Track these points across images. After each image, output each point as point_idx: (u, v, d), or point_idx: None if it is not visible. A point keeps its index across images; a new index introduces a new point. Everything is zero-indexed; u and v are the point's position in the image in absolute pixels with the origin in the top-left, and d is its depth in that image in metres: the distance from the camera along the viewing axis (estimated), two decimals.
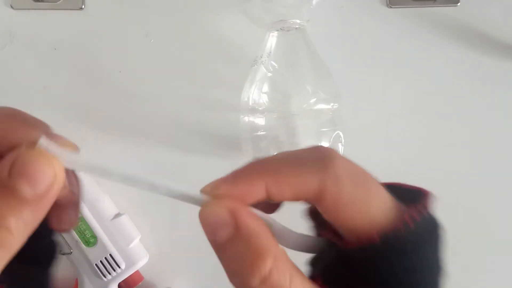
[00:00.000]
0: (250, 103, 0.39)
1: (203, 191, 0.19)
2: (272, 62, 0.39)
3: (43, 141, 0.17)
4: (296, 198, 0.18)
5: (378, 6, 0.47)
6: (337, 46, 0.47)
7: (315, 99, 0.38)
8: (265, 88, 0.39)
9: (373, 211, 0.18)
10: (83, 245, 0.41)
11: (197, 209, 0.18)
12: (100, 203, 0.42)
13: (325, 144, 0.39)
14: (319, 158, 0.18)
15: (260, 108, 0.39)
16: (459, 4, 0.47)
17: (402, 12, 0.47)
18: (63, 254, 0.41)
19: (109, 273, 0.41)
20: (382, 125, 0.46)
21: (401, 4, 0.47)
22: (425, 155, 0.46)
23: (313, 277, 0.19)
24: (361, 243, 0.18)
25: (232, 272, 0.17)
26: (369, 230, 0.17)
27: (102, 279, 0.41)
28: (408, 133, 0.46)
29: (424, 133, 0.46)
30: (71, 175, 0.20)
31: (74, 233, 0.41)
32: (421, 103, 0.46)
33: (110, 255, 0.41)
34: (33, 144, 0.17)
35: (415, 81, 0.47)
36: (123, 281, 0.42)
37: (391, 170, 0.45)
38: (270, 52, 0.40)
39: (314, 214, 0.20)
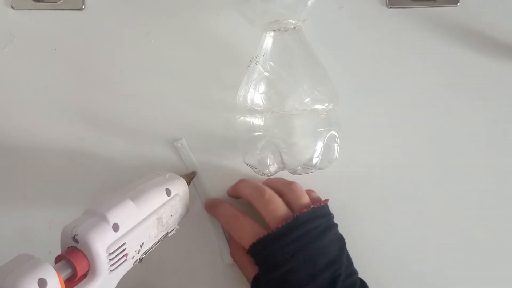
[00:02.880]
0: (247, 104, 0.39)
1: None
2: (268, 62, 0.39)
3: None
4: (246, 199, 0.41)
5: (378, 6, 0.47)
6: (337, 46, 0.47)
7: (310, 99, 0.38)
8: (262, 88, 0.39)
9: (273, 215, 0.38)
10: None
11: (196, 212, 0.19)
12: None
13: (320, 144, 0.38)
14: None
15: (256, 109, 0.39)
16: (459, 4, 0.47)
17: (402, 12, 0.47)
18: None
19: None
20: (381, 126, 0.46)
21: (401, 4, 0.47)
22: (424, 156, 0.46)
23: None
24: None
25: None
26: (273, 224, 0.38)
27: None
28: (407, 133, 0.46)
29: (423, 133, 0.46)
30: None
31: None
32: (420, 103, 0.46)
33: None
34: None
35: (414, 81, 0.47)
36: None
37: (389, 170, 0.46)
38: (266, 53, 0.40)
39: None
